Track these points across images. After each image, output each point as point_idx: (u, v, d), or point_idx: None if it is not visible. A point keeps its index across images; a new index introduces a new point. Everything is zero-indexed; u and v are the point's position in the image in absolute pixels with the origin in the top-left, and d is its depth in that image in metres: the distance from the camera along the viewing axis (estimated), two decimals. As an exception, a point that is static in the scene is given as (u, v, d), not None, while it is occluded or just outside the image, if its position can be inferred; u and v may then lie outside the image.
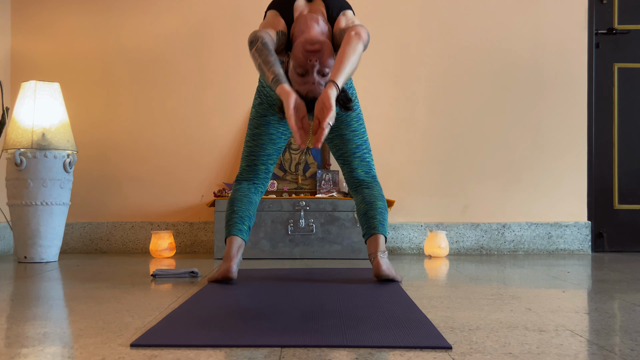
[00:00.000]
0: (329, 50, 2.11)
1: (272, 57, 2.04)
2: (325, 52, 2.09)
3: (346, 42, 2.06)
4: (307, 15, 2.20)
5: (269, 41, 2.08)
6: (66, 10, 3.74)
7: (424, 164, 3.69)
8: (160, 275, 2.50)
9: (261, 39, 2.06)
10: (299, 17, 2.22)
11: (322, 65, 2.08)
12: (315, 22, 2.17)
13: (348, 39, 2.06)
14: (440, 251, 3.40)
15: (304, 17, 2.19)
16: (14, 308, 1.82)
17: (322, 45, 2.09)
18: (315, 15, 2.20)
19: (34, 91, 3.20)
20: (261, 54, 2.04)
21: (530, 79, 3.70)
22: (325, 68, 2.09)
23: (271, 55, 2.04)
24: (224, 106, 3.70)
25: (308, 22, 2.17)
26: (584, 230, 3.66)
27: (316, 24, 2.17)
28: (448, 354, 1.27)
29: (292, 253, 3.32)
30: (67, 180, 3.22)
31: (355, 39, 2.06)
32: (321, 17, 2.20)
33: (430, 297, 2.01)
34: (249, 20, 3.70)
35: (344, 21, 2.21)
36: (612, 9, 3.77)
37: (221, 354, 1.27)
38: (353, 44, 2.04)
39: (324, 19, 2.22)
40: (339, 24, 2.20)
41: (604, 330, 1.51)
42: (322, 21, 2.20)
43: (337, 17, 2.22)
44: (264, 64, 2.04)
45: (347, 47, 2.04)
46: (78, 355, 1.27)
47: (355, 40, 2.06)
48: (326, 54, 2.09)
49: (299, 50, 2.08)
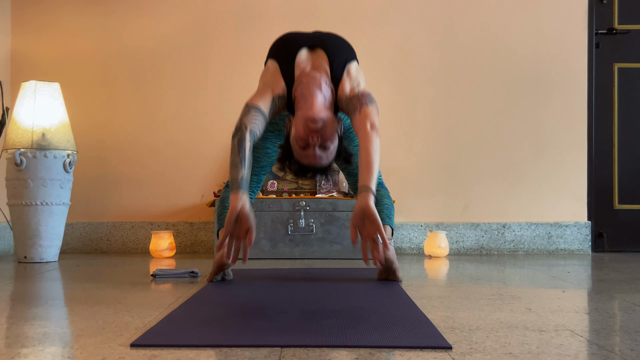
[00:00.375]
0: (332, 125, 2.06)
1: (244, 160, 1.97)
2: (328, 129, 2.04)
3: (366, 140, 1.99)
4: (310, 79, 2.11)
5: (249, 139, 2.00)
6: (66, 10, 3.74)
7: (424, 164, 3.69)
8: (160, 275, 2.50)
9: (243, 134, 2.00)
10: (301, 77, 2.13)
11: (324, 140, 2.04)
12: (317, 89, 2.09)
13: (366, 136, 2.00)
14: (440, 251, 3.40)
15: (306, 81, 2.10)
16: (14, 308, 1.82)
17: (325, 122, 2.03)
18: (318, 78, 2.11)
19: (34, 91, 3.20)
20: (235, 150, 1.99)
21: (531, 79, 3.70)
22: (327, 142, 2.04)
23: (243, 158, 1.97)
24: (223, 106, 3.70)
25: (311, 88, 2.09)
26: (584, 230, 3.66)
27: (319, 91, 2.08)
28: (448, 354, 1.27)
29: (292, 253, 3.32)
30: (67, 180, 3.22)
31: (373, 135, 2.00)
32: (324, 79, 2.12)
33: (430, 297, 2.01)
34: (250, 21, 3.70)
35: (348, 85, 2.14)
36: (612, 9, 3.77)
37: (221, 354, 1.27)
38: (373, 142, 1.99)
39: (327, 78, 2.14)
40: (344, 88, 2.14)
41: (604, 330, 1.51)
42: (325, 84, 2.12)
43: (342, 79, 2.15)
44: (232, 163, 1.98)
45: (369, 147, 1.98)
46: (78, 355, 1.27)
47: (374, 136, 2.00)
48: (329, 130, 2.04)
49: (301, 125, 2.03)
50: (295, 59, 2.15)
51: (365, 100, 2.08)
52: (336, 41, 2.24)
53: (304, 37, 2.22)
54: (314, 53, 2.18)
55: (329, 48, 2.18)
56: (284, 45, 2.20)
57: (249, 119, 2.03)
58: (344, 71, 2.16)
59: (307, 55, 2.18)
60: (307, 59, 2.17)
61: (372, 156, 1.98)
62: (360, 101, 2.07)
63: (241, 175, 1.95)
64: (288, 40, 2.22)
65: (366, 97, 2.09)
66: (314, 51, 2.19)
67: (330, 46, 2.19)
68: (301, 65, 2.15)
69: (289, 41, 2.21)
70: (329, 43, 2.20)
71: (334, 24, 3.67)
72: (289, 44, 2.19)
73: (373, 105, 2.08)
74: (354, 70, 2.17)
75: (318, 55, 2.17)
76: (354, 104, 2.08)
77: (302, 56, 2.16)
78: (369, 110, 2.05)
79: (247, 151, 1.98)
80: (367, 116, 2.04)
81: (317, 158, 2.05)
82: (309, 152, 2.04)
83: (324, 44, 2.19)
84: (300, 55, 2.16)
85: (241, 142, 1.99)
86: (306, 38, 2.22)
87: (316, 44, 2.20)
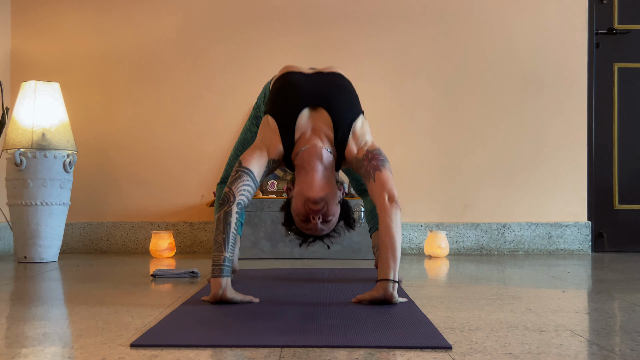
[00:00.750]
0: (334, 200, 1.94)
1: (228, 240, 1.86)
2: (329, 205, 1.92)
3: (386, 216, 1.88)
4: (310, 148, 1.97)
5: (235, 213, 1.88)
6: (66, 10, 3.74)
7: (424, 163, 3.69)
8: (160, 275, 2.50)
9: (230, 207, 1.88)
10: (301, 143, 1.98)
11: (326, 216, 1.93)
12: (318, 161, 1.95)
13: (385, 211, 1.89)
14: (440, 251, 3.40)
15: (307, 152, 1.96)
16: (14, 308, 1.82)
17: (326, 201, 1.91)
18: (319, 148, 1.96)
19: (34, 91, 3.20)
20: (219, 227, 1.87)
21: (531, 79, 3.70)
22: (329, 216, 1.94)
23: (228, 237, 1.86)
24: (223, 106, 3.70)
25: (311, 161, 1.95)
26: (584, 230, 3.66)
27: (319, 164, 1.95)
28: (448, 354, 1.27)
29: (292, 253, 3.32)
30: (67, 180, 3.22)
31: (393, 210, 1.89)
32: (325, 147, 1.98)
33: (430, 297, 2.01)
34: (250, 21, 3.70)
35: (355, 146, 2.01)
36: (612, 9, 3.76)
37: (221, 354, 1.27)
38: (394, 218, 1.88)
39: (329, 144, 1.99)
40: (351, 151, 2.00)
41: (604, 330, 1.51)
42: (326, 152, 1.97)
43: (347, 142, 2.00)
44: (216, 241, 1.86)
45: (391, 225, 1.87)
46: (78, 355, 1.27)
47: (394, 212, 1.89)
48: (330, 205, 1.93)
49: (301, 203, 1.91)
50: (296, 123, 2.00)
51: (378, 164, 1.96)
52: (339, 98, 2.06)
53: (305, 92, 2.05)
54: (316, 113, 2.02)
55: (332, 108, 2.02)
56: (284, 102, 2.05)
57: (239, 188, 1.90)
58: (349, 134, 2.01)
59: (309, 116, 2.02)
60: (307, 121, 2.01)
61: (395, 240, 1.86)
62: (372, 165, 1.96)
63: (223, 257, 1.84)
64: (289, 95, 2.06)
65: (378, 159, 1.97)
66: (316, 110, 2.03)
67: (334, 106, 2.03)
68: (302, 129, 2.00)
69: (290, 97, 2.05)
70: (333, 101, 2.03)
71: (334, 24, 3.67)
72: (290, 101, 2.04)
73: (386, 167, 1.96)
74: (359, 129, 2.03)
75: (320, 116, 2.02)
76: (367, 169, 1.96)
77: (304, 118, 2.01)
78: (385, 176, 1.94)
79: (232, 229, 1.86)
80: (384, 185, 1.92)
81: (319, 231, 1.96)
82: (310, 226, 1.94)
83: (327, 102, 2.03)
84: (301, 118, 2.01)
85: (227, 218, 1.87)
86: (307, 93, 2.05)
87: (318, 103, 2.03)
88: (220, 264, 1.84)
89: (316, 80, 2.11)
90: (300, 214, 1.93)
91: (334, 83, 2.11)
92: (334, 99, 2.04)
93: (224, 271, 1.84)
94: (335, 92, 2.07)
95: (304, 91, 2.05)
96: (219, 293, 1.83)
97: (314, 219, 1.91)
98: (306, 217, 1.93)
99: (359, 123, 2.04)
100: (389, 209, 1.89)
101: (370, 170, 1.96)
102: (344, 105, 2.04)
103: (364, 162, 1.97)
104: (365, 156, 1.98)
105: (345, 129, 2.00)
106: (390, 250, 1.85)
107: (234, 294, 1.85)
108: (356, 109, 2.06)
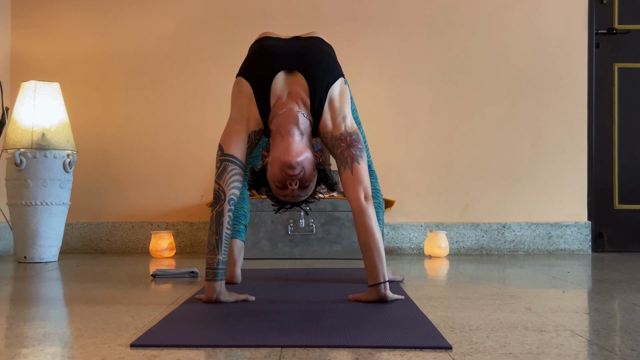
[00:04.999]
0: (311, 165, 1.87)
1: (221, 241, 1.84)
2: (306, 170, 1.86)
3: (364, 215, 1.86)
4: (286, 113, 1.90)
5: (228, 211, 1.85)
6: (66, 10, 3.74)
7: (424, 163, 3.69)
8: (160, 275, 2.50)
9: (222, 207, 1.85)
10: (277, 107, 1.93)
11: (303, 182, 1.87)
12: (294, 125, 1.89)
13: (361, 210, 1.86)
14: (440, 251, 3.40)
15: (282, 116, 1.90)
16: (14, 308, 1.82)
17: (303, 166, 1.85)
18: (295, 112, 1.90)
19: (33, 91, 3.20)
20: (212, 227, 1.85)
21: (530, 79, 3.70)
22: (306, 182, 1.88)
23: (221, 239, 1.84)
24: (223, 106, 3.70)
25: (287, 126, 1.89)
26: (584, 230, 3.66)
27: (295, 129, 1.88)
28: (448, 354, 1.27)
29: (292, 253, 3.32)
30: (67, 180, 3.22)
31: (370, 209, 1.87)
32: (301, 112, 1.91)
33: (430, 297, 2.01)
34: (250, 21, 3.70)
35: (331, 121, 1.94)
36: (612, 9, 3.76)
37: (221, 354, 1.27)
38: (372, 217, 1.86)
39: (305, 109, 1.93)
40: (326, 124, 1.94)
41: (604, 330, 1.51)
42: (303, 116, 1.91)
43: (322, 111, 1.94)
44: (209, 243, 1.84)
45: (369, 224, 1.85)
46: (78, 355, 1.27)
47: (371, 210, 1.87)
48: (307, 170, 1.86)
49: (277, 168, 1.85)
50: (271, 85, 1.94)
51: (356, 153, 1.91)
52: (316, 60, 1.98)
53: (281, 55, 1.98)
54: (292, 76, 1.95)
55: (309, 72, 1.95)
56: (259, 65, 1.97)
57: (227, 182, 1.87)
58: (325, 101, 1.94)
59: (284, 80, 1.95)
60: (283, 86, 1.95)
61: (377, 240, 1.86)
62: (351, 153, 1.91)
63: (217, 260, 1.83)
64: (264, 58, 1.98)
65: (357, 147, 1.92)
66: (292, 74, 1.96)
67: (310, 69, 1.95)
68: (277, 93, 1.94)
69: (264, 60, 1.98)
70: (309, 65, 1.96)
71: (334, 24, 3.67)
72: (265, 64, 1.96)
73: (364, 158, 1.92)
74: (337, 98, 1.96)
75: (296, 80, 1.95)
76: (343, 155, 1.91)
77: (279, 82, 1.95)
78: (362, 170, 1.90)
79: (225, 229, 1.84)
80: (361, 181, 1.89)
81: (295, 197, 1.91)
82: (287, 192, 1.88)
83: (304, 65, 1.96)
84: (276, 81, 1.94)
85: (219, 218, 1.84)
86: (284, 56, 1.97)
87: (294, 67, 1.96)
88: (214, 268, 1.83)
89: (293, 44, 2.04)
90: (277, 180, 1.87)
91: (312, 46, 2.03)
92: (311, 62, 1.97)
93: (218, 275, 1.84)
94: (313, 55, 1.99)
95: (279, 54, 1.98)
96: (213, 297, 1.84)
97: (291, 184, 1.85)
98: (283, 184, 1.86)
99: (336, 88, 1.96)
100: (366, 208, 1.87)
101: (348, 158, 1.91)
102: (321, 69, 1.96)
103: (341, 143, 1.92)
104: (343, 137, 1.93)
105: (321, 95, 1.93)
106: (376, 252, 1.85)
107: (228, 297, 1.86)
108: (334, 73, 1.98)
